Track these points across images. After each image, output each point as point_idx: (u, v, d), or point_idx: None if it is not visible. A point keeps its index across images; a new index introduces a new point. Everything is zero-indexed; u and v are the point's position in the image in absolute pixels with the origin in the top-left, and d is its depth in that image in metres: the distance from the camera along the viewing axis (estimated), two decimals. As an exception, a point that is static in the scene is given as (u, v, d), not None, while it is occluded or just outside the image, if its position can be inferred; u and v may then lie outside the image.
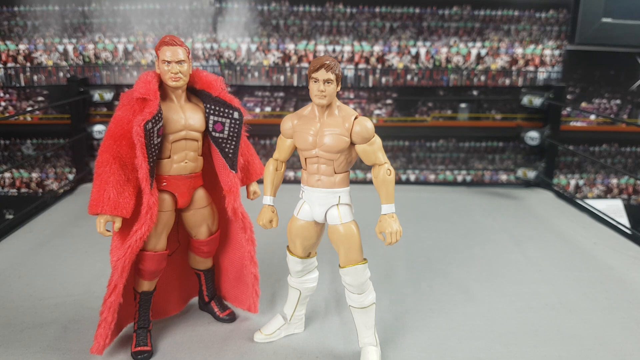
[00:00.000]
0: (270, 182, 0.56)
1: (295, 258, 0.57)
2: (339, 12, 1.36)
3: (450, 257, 0.90)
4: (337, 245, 0.54)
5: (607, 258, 0.91)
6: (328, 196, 0.53)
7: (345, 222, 0.53)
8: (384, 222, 0.51)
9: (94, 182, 0.54)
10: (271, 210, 0.56)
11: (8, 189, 1.43)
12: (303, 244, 0.56)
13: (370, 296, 0.56)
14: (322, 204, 0.54)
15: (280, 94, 1.42)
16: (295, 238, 0.56)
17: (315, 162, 0.52)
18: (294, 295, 0.61)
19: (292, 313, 0.62)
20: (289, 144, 0.55)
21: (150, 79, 0.55)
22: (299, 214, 0.55)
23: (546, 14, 1.39)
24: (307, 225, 0.55)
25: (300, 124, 0.52)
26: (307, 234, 0.56)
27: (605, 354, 0.62)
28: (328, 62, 0.49)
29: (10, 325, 0.65)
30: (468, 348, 0.63)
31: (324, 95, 0.50)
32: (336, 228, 0.53)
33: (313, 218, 0.55)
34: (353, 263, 0.54)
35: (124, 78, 1.36)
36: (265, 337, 0.62)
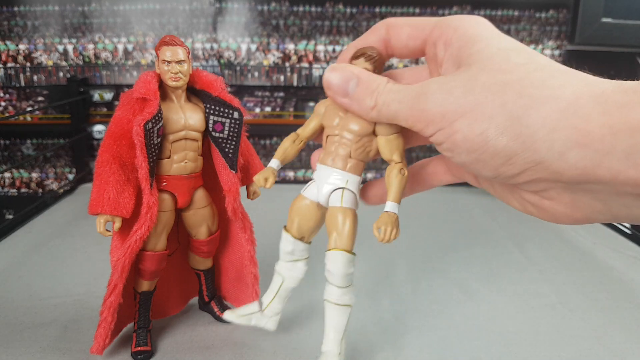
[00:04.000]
0: (283, 150, 0.53)
1: (288, 236, 0.55)
2: (339, 12, 1.36)
3: (450, 257, 0.90)
4: (330, 229, 0.52)
5: (607, 258, 0.92)
6: (337, 177, 0.52)
7: (345, 207, 0.52)
8: (383, 219, 0.50)
9: (94, 182, 0.54)
10: (272, 171, 0.52)
11: (8, 189, 1.43)
12: (300, 223, 0.54)
13: (348, 295, 0.53)
14: (329, 182, 0.52)
15: (280, 94, 1.42)
16: (295, 215, 0.54)
17: (335, 141, 0.51)
18: (277, 282, 0.58)
19: (269, 303, 0.59)
20: (314, 123, 0.53)
21: (150, 79, 0.55)
22: (305, 192, 0.54)
23: (546, 14, 1.39)
24: (310, 205, 0.53)
25: (332, 104, 0.51)
26: (308, 214, 0.54)
27: (605, 354, 0.62)
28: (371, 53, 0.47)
29: (10, 325, 0.65)
30: (468, 348, 0.63)
31: None
32: (334, 210, 0.52)
33: (318, 199, 0.53)
34: (339, 248, 0.52)
35: (124, 78, 1.36)
36: (234, 317, 0.59)
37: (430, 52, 0.46)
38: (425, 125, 0.40)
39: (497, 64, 0.38)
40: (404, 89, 0.42)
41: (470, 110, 0.37)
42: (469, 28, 0.42)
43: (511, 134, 0.35)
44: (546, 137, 0.33)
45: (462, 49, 0.41)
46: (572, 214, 0.38)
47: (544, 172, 0.35)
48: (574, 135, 0.32)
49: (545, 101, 0.34)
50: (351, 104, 0.45)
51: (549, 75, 0.36)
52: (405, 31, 0.47)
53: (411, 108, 0.41)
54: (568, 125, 0.33)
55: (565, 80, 0.35)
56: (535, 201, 0.39)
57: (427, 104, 0.39)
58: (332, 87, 0.46)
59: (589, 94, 0.33)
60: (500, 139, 0.35)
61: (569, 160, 0.33)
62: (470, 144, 0.37)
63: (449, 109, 0.38)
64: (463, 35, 0.42)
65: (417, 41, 0.47)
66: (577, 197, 0.36)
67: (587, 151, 0.32)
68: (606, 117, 0.32)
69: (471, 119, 0.37)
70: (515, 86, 0.36)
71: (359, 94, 0.45)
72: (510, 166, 0.36)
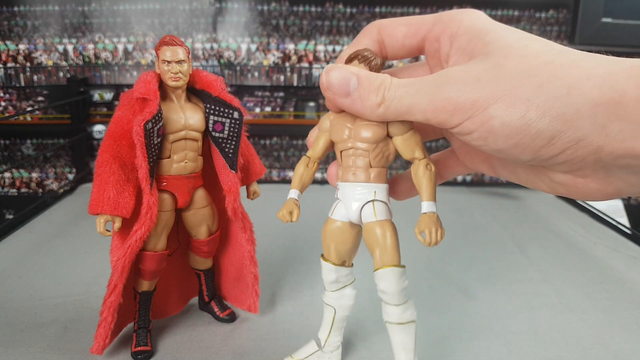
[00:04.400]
0: (299, 177, 0.51)
1: (328, 264, 0.52)
2: (339, 12, 1.36)
3: (450, 257, 0.90)
4: (372, 246, 0.49)
5: (607, 258, 0.92)
6: (363, 191, 0.49)
7: (380, 220, 0.49)
8: (425, 221, 0.46)
9: (94, 182, 0.54)
10: (294, 202, 0.50)
11: (8, 189, 1.43)
12: (337, 248, 0.51)
13: (409, 311, 0.49)
14: (356, 199, 0.49)
15: (280, 94, 1.42)
16: (330, 241, 0.51)
17: (351, 154, 0.48)
18: (329, 315, 0.55)
19: (327, 338, 0.56)
20: (323, 141, 0.50)
21: (150, 79, 0.55)
22: (334, 215, 0.51)
23: (546, 14, 1.39)
24: (343, 227, 0.51)
25: (336, 117, 0.49)
26: (342, 237, 0.51)
27: (605, 354, 0.62)
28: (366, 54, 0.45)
29: (10, 325, 0.65)
30: (468, 348, 0.63)
31: None
32: (370, 226, 0.48)
33: (349, 219, 0.50)
34: (387, 265, 0.48)
35: (124, 78, 1.36)
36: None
37: (432, 49, 0.45)
38: (450, 115, 0.38)
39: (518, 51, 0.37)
40: (417, 81, 0.41)
41: (505, 95, 0.36)
42: (474, 20, 0.42)
43: (553, 114, 0.35)
44: (590, 112, 0.34)
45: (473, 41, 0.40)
46: (604, 189, 0.38)
47: (584, 149, 0.35)
48: (614, 108, 0.33)
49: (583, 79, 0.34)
50: (353, 104, 0.44)
51: (577, 57, 0.36)
52: (401, 30, 0.46)
53: (432, 99, 0.39)
54: (607, 100, 0.33)
55: (595, 60, 0.36)
56: (567, 180, 0.39)
57: (452, 92, 0.38)
58: (332, 87, 0.44)
59: (620, 69, 0.34)
60: (543, 120, 0.35)
61: (610, 134, 0.33)
62: (509, 129, 0.36)
63: (480, 95, 0.37)
64: (470, 27, 0.41)
65: (414, 39, 0.46)
66: (612, 172, 0.36)
67: (627, 124, 0.33)
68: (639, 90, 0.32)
69: (507, 103, 0.36)
70: (547, 68, 0.36)
71: (362, 92, 0.43)
72: (552, 147, 0.36)
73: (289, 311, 0.70)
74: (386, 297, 0.49)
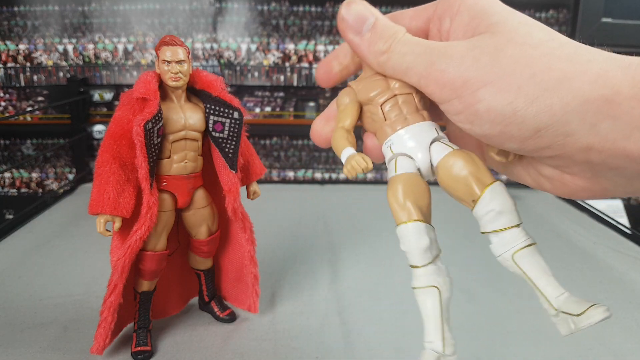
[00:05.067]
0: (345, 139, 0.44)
1: (418, 224, 0.42)
2: (339, 12, 1.36)
3: (450, 257, 0.89)
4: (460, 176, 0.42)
5: (607, 258, 0.91)
6: (425, 129, 0.44)
7: (457, 148, 0.43)
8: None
9: (94, 182, 0.54)
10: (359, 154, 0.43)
11: (8, 189, 1.43)
12: (418, 203, 0.43)
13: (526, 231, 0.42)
14: (420, 141, 0.44)
15: (280, 94, 1.42)
16: (406, 198, 0.43)
17: (394, 102, 0.44)
18: (433, 300, 0.42)
19: (442, 334, 0.41)
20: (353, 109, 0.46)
21: (150, 79, 0.55)
22: (399, 170, 0.43)
23: (546, 14, 1.39)
24: (416, 177, 0.44)
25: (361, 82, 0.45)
26: (418, 188, 0.44)
27: (605, 354, 0.62)
28: None
29: (10, 325, 0.65)
30: (468, 348, 0.63)
31: None
32: (450, 157, 0.42)
33: (414, 168, 0.44)
34: (491, 181, 0.41)
35: (124, 78, 1.36)
36: None
37: (435, 29, 0.44)
38: (440, 88, 0.38)
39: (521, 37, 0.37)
40: (425, 43, 0.40)
41: (496, 80, 0.36)
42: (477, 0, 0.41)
43: (542, 105, 0.34)
44: (579, 108, 0.33)
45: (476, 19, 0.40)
46: (591, 188, 0.37)
47: (572, 146, 0.34)
48: (605, 107, 0.32)
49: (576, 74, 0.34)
50: (360, 44, 0.42)
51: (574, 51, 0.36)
52: (408, 14, 0.46)
53: (429, 66, 0.39)
54: (599, 97, 0.32)
55: (592, 55, 0.35)
56: (554, 175, 0.38)
57: (449, 66, 0.37)
58: (347, 21, 0.43)
59: (617, 66, 0.33)
60: (530, 109, 0.34)
61: (600, 132, 0.33)
62: (495, 114, 0.36)
63: (473, 76, 0.36)
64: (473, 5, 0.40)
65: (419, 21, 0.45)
66: (601, 172, 0.35)
67: (618, 123, 0.32)
68: (635, 88, 0.32)
69: (497, 88, 0.35)
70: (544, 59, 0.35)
71: (373, 34, 0.42)
72: (539, 139, 0.35)
73: (289, 311, 0.70)
74: (504, 221, 0.41)
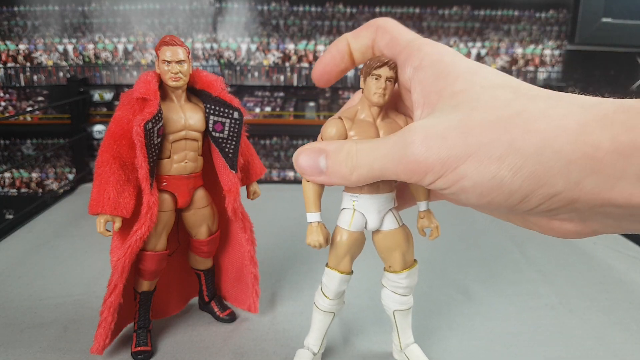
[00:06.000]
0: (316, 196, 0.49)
1: (344, 276, 0.52)
2: (339, 12, 1.36)
3: (450, 257, 0.90)
4: (394, 250, 0.51)
5: (607, 258, 0.92)
6: (387, 201, 0.50)
7: (402, 225, 0.52)
8: (428, 217, 0.52)
9: (94, 182, 0.54)
10: (324, 226, 0.49)
11: (8, 189, 1.43)
12: (353, 257, 0.52)
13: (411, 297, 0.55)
14: (380, 210, 0.50)
15: (280, 94, 1.42)
16: (346, 254, 0.51)
17: None
18: (327, 320, 0.55)
19: (320, 342, 0.56)
20: None
21: (150, 79, 0.55)
22: (352, 227, 0.50)
23: (546, 14, 1.39)
24: (359, 235, 0.51)
25: (355, 127, 0.48)
26: (358, 245, 0.52)
27: (605, 354, 0.62)
28: (389, 61, 0.46)
29: (10, 325, 0.65)
30: (468, 348, 0.63)
31: (384, 93, 0.47)
32: (396, 231, 0.51)
33: (363, 228, 0.51)
34: (410, 265, 0.53)
35: (124, 78, 1.36)
36: None
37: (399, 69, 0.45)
38: (422, 177, 0.38)
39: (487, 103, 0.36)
40: (382, 144, 0.41)
41: (474, 153, 0.35)
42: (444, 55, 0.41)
43: (526, 173, 0.33)
44: (563, 170, 0.33)
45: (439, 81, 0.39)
46: (581, 230, 0.37)
47: (558, 202, 0.34)
48: (588, 163, 0.32)
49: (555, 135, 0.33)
50: (330, 179, 0.44)
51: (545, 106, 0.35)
52: (386, 39, 0.46)
53: (399, 162, 0.39)
54: (581, 156, 0.32)
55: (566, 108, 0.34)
56: (542, 222, 0.38)
57: (418, 154, 0.37)
58: (306, 170, 0.45)
59: (594, 119, 0.33)
60: (515, 180, 0.34)
61: (584, 188, 0.32)
62: (481, 188, 0.35)
63: (449, 155, 0.36)
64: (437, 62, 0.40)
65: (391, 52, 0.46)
66: (589, 217, 0.35)
67: (602, 177, 0.32)
68: (615, 142, 0.31)
69: (478, 162, 0.35)
70: (518, 121, 0.34)
71: (332, 167, 0.44)
72: (526, 203, 0.35)
73: (289, 311, 0.70)
74: (405, 291, 0.54)
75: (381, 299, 0.55)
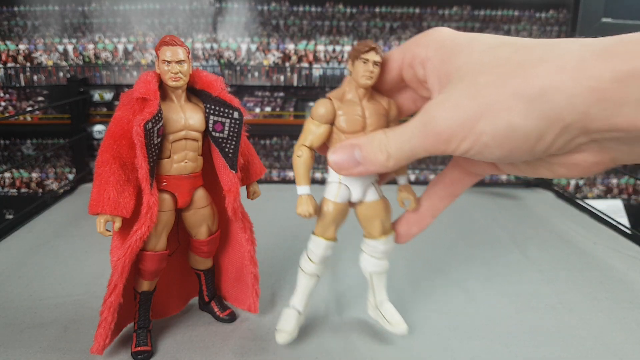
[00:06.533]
0: (307, 170, 0.54)
1: (329, 242, 0.57)
2: (339, 12, 1.36)
3: (450, 257, 0.90)
4: (374, 218, 0.57)
5: (607, 258, 0.92)
6: (369, 175, 0.55)
7: (383, 197, 0.57)
8: (406, 190, 0.57)
9: (94, 182, 0.54)
10: (312, 198, 0.54)
11: (8, 189, 1.43)
12: (338, 226, 0.57)
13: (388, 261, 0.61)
14: (363, 183, 0.55)
15: (280, 94, 1.42)
16: (332, 223, 0.56)
17: None
18: (311, 282, 0.60)
19: (304, 302, 0.61)
20: (324, 130, 0.53)
21: (150, 79, 0.55)
22: (338, 198, 0.55)
23: (546, 14, 1.39)
24: (344, 206, 0.56)
25: (343, 107, 0.53)
26: (343, 215, 0.57)
27: (605, 354, 0.62)
28: (376, 46, 0.51)
29: (10, 325, 0.65)
30: (468, 348, 0.63)
31: (372, 76, 0.51)
32: (377, 202, 0.56)
33: (347, 199, 0.56)
34: (389, 232, 0.58)
35: (124, 78, 1.36)
36: (290, 336, 0.60)
37: (409, 75, 0.50)
38: (446, 144, 0.42)
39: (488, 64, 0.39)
40: (406, 127, 0.45)
41: (486, 110, 0.38)
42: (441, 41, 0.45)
43: (535, 114, 0.37)
44: (567, 104, 0.35)
45: (446, 63, 0.43)
46: (601, 160, 0.40)
47: (571, 132, 0.37)
48: (592, 95, 0.34)
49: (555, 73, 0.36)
50: (367, 168, 0.49)
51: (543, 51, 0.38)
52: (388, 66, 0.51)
53: (425, 137, 0.43)
54: (584, 89, 0.35)
55: (564, 49, 0.37)
56: (566, 160, 0.41)
57: (439, 126, 0.41)
58: (343, 165, 0.50)
59: (593, 54, 0.35)
60: (527, 123, 0.37)
61: (592, 116, 0.35)
62: (500, 138, 0.39)
63: (465, 117, 0.39)
64: (439, 48, 0.45)
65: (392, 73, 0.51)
66: (606, 145, 0.38)
67: (605, 104, 0.34)
68: (615, 72, 0.34)
69: (491, 117, 0.38)
70: (518, 71, 0.37)
71: (368, 157, 0.48)
72: (543, 142, 0.38)
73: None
74: (382, 255, 0.59)
75: (360, 262, 0.60)
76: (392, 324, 0.60)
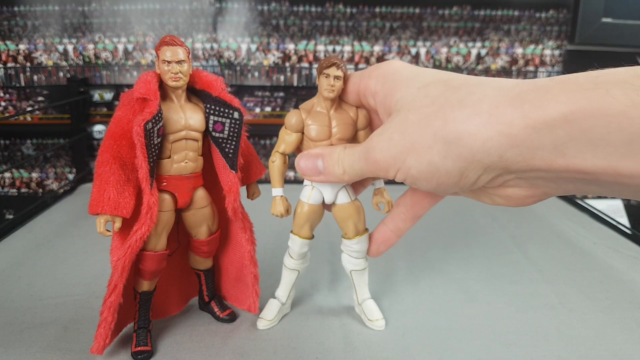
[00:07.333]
0: (280, 174, 0.60)
1: (304, 240, 0.63)
2: (339, 12, 1.36)
3: (450, 257, 0.90)
4: (347, 220, 0.61)
5: (607, 258, 0.92)
6: None
7: (354, 200, 0.61)
8: (380, 194, 0.62)
9: (94, 182, 0.54)
10: (285, 199, 0.60)
11: (8, 189, 1.43)
12: (312, 225, 0.62)
13: (365, 260, 0.65)
14: (333, 187, 0.59)
15: (280, 94, 1.42)
16: (306, 222, 0.62)
17: None
18: (292, 276, 0.66)
19: (288, 294, 0.67)
20: (295, 138, 0.58)
21: (150, 79, 0.55)
22: (311, 200, 0.60)
23: (546, 14, 1.39)
24: (317, 208, 0.61)
25: (310, 117, 0.57)
26: (316, 215, 0.62)
27: (605, 354, 0.62)
28: (338, 62, 0.54)
29: (10, 325, 0.65)
30: (468, 348, 0.63)
31: (333, 89, 0.55)
32: (348, 205, 0.60)
33: (320, 201, 0.61)
34: (362, 233, 0.62)
35: (124, 78, 1.36)
36: (270, 323, 0.66)
37: (364, 102, 0.55)
38: (385, 172, 0.46)
39: (419, 102, 0.43)
40: (356, 149, 0.50)
41: (412, 147, 0.42)
42: (388, 75, 0.49)
43: (454, 156, 0.40)
44: (482, 149, 0.38)
45: (388, 97, 0.47)
46: (532, 194, 0.43)
47: (495, 170, 0.40)
48: (505, 140, 0.37)
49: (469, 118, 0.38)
50: (327, 178, 0.54)
51: (464, 94, 0.40)
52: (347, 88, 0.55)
53: (367, 163, 0.48)
54: (496, 134, 0.37)
55: (481, 93, 0.39)
56: (500, 192, 0.45)
57: (376, 155, 0.46)
58: (307, 172, 0.55)
59: (505, 100, 0.37)
60: (447, 162, 0.40)
61: (508, 159, 0.38)
62: (425, 173, 0.43)
63: (396, 151, 0.44)
64: (385, 82, 0.49)
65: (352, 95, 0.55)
66: (532, 182, 0.41)
67: (520, 149, 0.37)
68: (526, 119, 0.35)
69: (416, 153, 0.42)
70: (439, 115, 0.41)
71: (328, 168, 0.53)
72: (466, 178, 0.41)
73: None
74: (357, 254, 0.63)
75: (341, 261, 0.65)
76: (371, 320, 0.66)
